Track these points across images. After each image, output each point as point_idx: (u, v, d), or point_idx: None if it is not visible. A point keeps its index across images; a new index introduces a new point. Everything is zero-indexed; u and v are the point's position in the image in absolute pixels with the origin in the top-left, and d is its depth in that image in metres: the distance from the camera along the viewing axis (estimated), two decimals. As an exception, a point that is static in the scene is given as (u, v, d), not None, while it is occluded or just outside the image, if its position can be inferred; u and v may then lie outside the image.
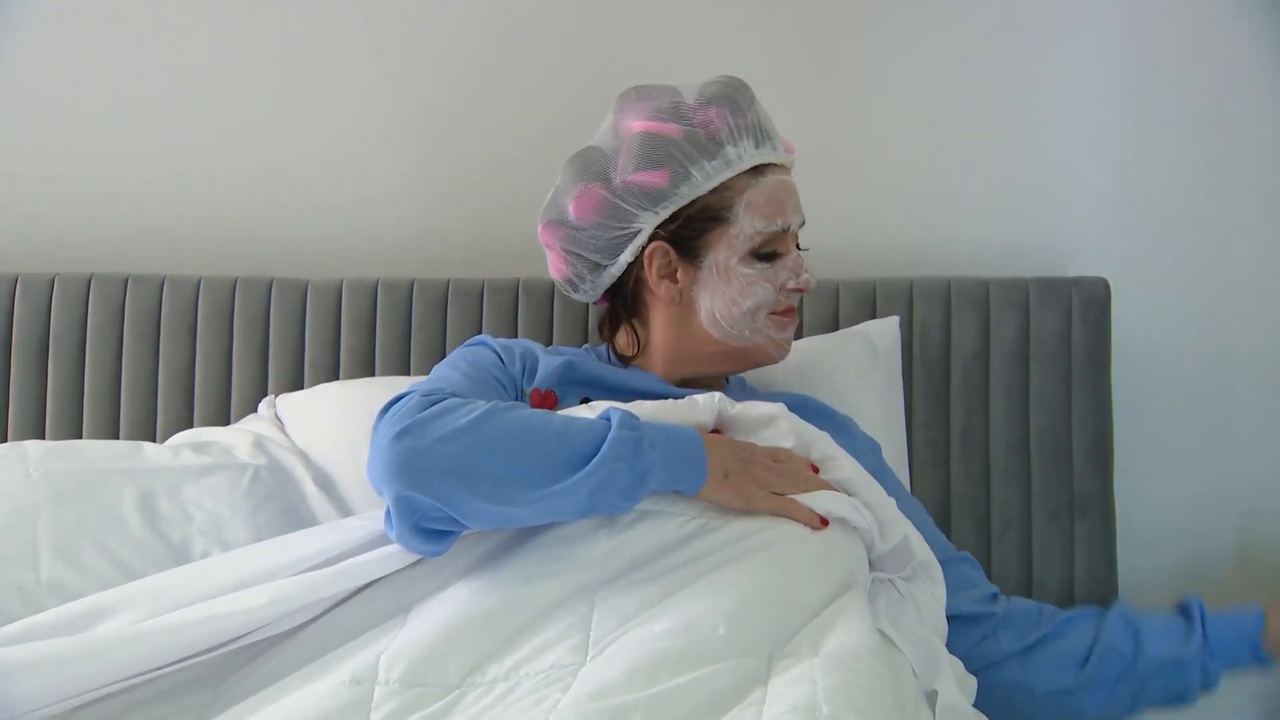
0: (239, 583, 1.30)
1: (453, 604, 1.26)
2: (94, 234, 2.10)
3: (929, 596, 1.41)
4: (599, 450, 1.27)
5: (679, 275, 1.56)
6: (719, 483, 1.34)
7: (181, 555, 1.56)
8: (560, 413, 1.39)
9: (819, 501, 1.35)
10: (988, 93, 2.08)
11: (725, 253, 1.54)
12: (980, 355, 1.93)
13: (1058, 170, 2.07)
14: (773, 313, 1.57)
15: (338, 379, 1.94)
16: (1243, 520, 2.06)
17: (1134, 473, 1.98)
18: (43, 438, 1.93)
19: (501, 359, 1.56)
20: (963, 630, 1.55)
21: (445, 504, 1.25)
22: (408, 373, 1.93)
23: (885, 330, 1.89)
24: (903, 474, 1.83)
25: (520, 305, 1.95)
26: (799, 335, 1.90)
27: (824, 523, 1.34)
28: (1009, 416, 1.92)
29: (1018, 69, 2.06)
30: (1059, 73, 2.05)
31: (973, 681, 1.40)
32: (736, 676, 1.13)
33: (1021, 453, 1.91)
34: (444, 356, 1.85)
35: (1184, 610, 1.59)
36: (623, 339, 1.63)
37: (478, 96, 2.09)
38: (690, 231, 1.54)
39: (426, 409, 1.29)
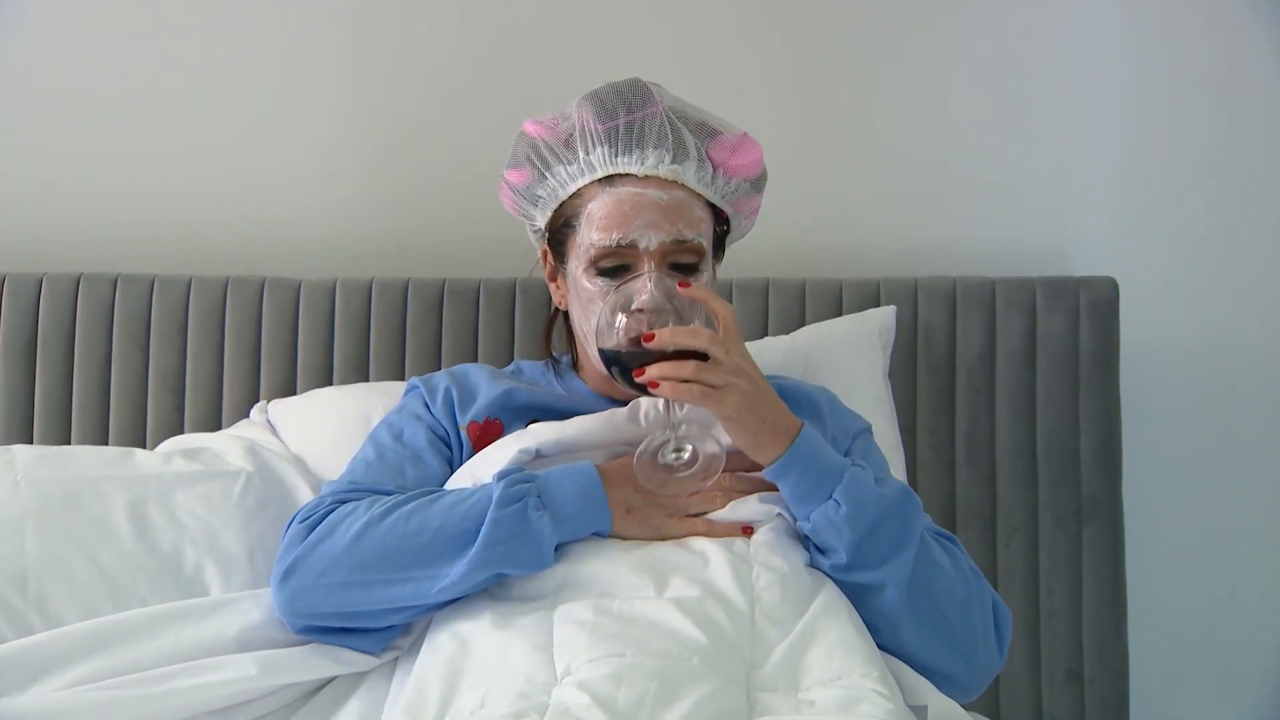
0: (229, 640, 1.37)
1: (420, 658, 1.28)
2: (82, 233, 2.07)
3: None
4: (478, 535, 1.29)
5: (559, 280, 1.54)
6: (623, 519, 1.34)
7: (173, 567, 1.53)
8: (468, 467, 1.42)
9: (739, 512, 1.34)
10: (993, 89, 2.06)
11: (574, 262, 1.48)
12: (986, 357, 1.91)
13: (1064, 168, 2.06)
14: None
15: (331, 381, 1.92)
16: (1254, 526, 2.05)
17: (1142, 478, 1.98)
18: (30, 441, 1.91)
19: (426, 401, 1.55)
20: None
21: (350, 623, 1.34)
22: (402, 375, 1.92)
23: (882, 315, 1.88)
24: (899, 471, 1.80)
25: (517, 305, 1.94)
26: (800, 323, 1.91)
27: (747, 531, 1.32)
28: (1015, 420, 1.90)
29: (1024, 65, 2.05)
30: (1066, 69, 2.04)
31: None
32: (718, 710, 1.12)
33: (1028, 457, 1.90)
34: (439, 357, 1.92)
35: None
36: (565, 347, 1.63)
37: (475, 94, 2.07)
38: (556, 237, 1.51)
39: (307, 537, 1.35)
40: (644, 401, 1.41)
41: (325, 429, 1.76)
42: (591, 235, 1.43)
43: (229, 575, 1.53)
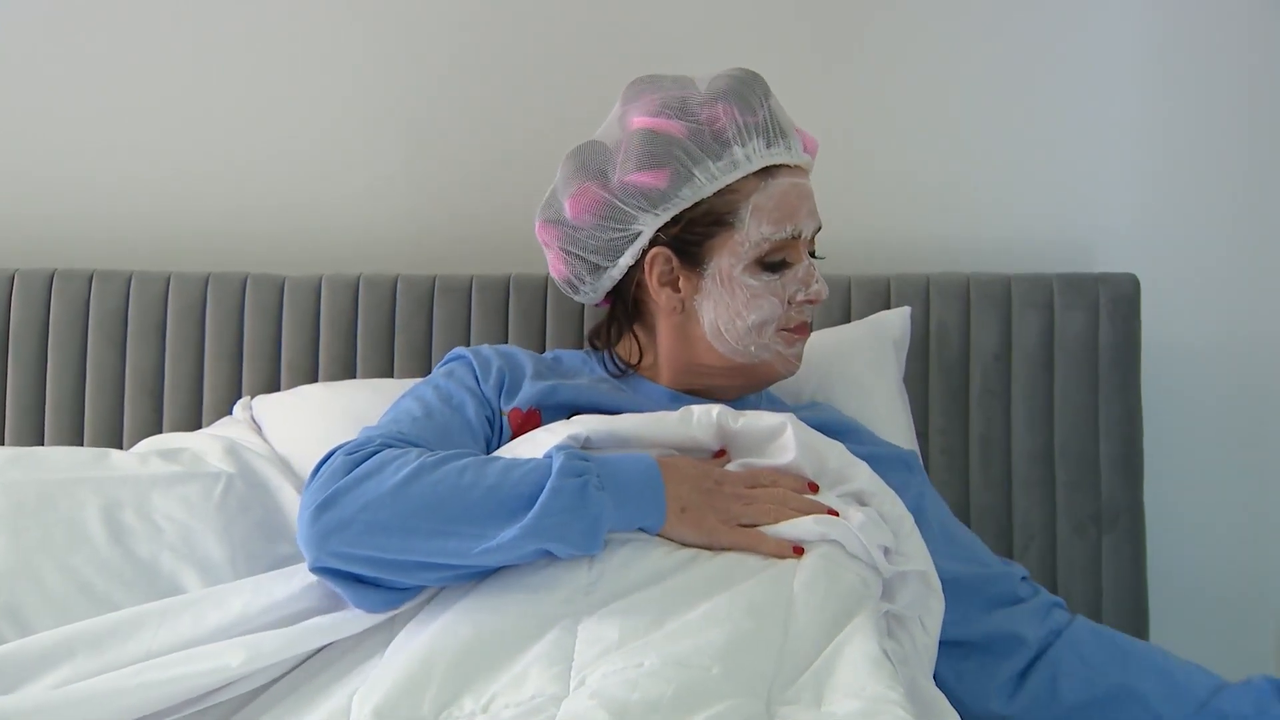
0: (205, 635, 1.30)
1: (428, 636, 1.22)
2: (57, 228, 2.05)
3: (920, 630, 1.36)
4: (536, 502, 1.24)
5: (680, 283, 1.50)
6: (676, 518, 1.29)
7: (150, 573, 1.49)
8: (509, 449, 1.39)
9: (793, 530, 1.30)
10: (1009, 78, 2.04)
11: (729, 260, 1.47)
12: (1001, 357, 1.88)
13: (1084, 160, 2.03)
14: (782, 329, 1.50)
15: (316, 382, 1.89)
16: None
17: (1165, 482, 1.95)
18: (1, 443, 1.88)
19: (477, 375, 1.51)
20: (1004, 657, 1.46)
21: (376, 571, 1.25)
22: (391, 374, 1.89)
23: (897, 321, 1.84)
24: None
25: (511, 303, 1.90)
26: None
27: (798, 551, 1.28)
28: (1032, 422, 1.87)
29: (1043, 54, 2.03)
30: (1084, 57, 2.02)
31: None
32: None
33: (1045, 461, 1.87)
34: (429, 357, 1.90)
35: None
36: (625, 346, 1.57)
37: (466, 85, 2.06)
38: (693, 236, 1.48)
39: (351, 471, 1.27)
40: (696, 408, 1.38)
41: (312, 428, 1.71)
42: (762, 229, 1.46)
43: (209, 582, 1.47)
